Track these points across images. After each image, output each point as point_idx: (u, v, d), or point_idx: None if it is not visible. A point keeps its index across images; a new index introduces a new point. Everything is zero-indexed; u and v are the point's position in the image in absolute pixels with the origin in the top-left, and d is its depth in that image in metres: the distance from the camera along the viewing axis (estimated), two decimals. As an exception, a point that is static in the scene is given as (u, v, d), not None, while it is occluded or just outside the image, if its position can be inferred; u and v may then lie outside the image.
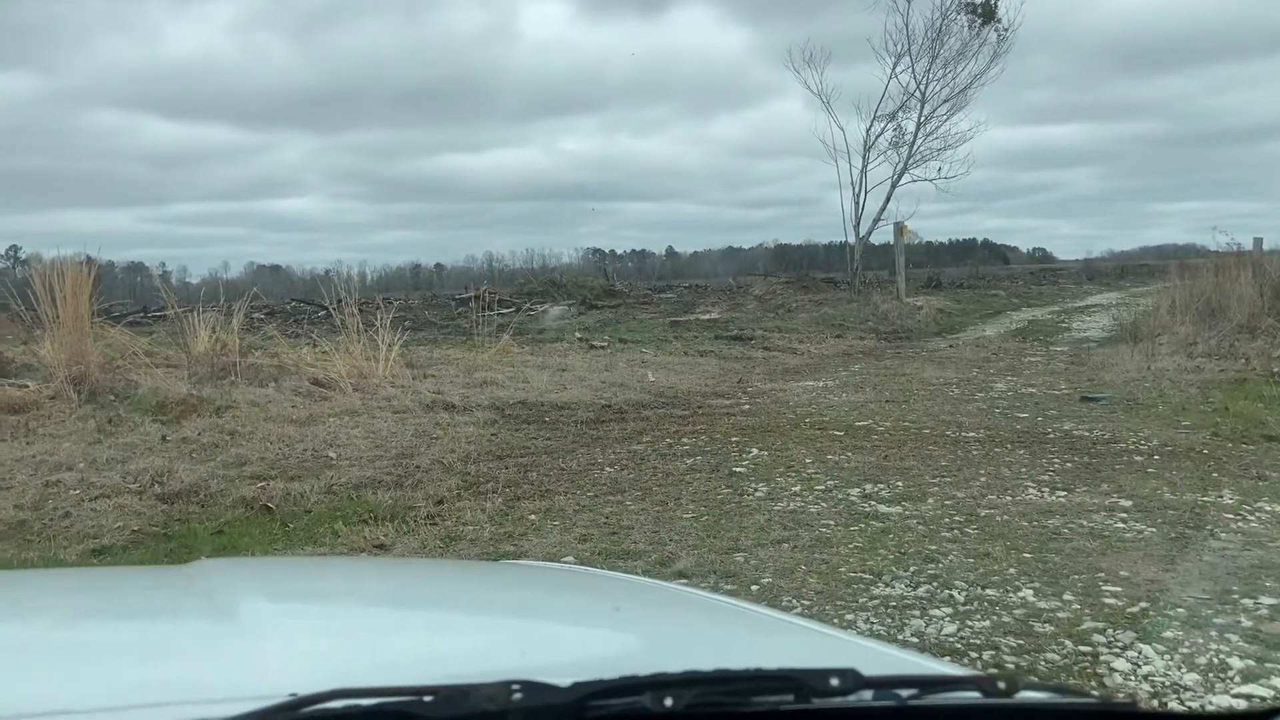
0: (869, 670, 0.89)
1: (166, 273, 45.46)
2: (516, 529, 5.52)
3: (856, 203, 23.97)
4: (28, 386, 9.35)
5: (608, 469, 6.89)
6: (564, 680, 0.83)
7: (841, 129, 24.94)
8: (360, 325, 10.89)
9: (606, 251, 62.25)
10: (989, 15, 23.10)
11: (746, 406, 9.64)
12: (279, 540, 5.43)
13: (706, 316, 19.53)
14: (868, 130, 23.85)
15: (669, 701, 0.83)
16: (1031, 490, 5.98)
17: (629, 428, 8.51)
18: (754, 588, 4.38)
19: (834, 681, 0.87)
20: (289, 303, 22.97)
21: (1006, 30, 23.13)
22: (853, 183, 23.90)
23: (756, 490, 6.14)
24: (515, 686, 0.81)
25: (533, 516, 5.74)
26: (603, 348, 14.48)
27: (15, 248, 44.33)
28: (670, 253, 72.54)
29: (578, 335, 15.78)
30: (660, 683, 0.84)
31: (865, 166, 23.89)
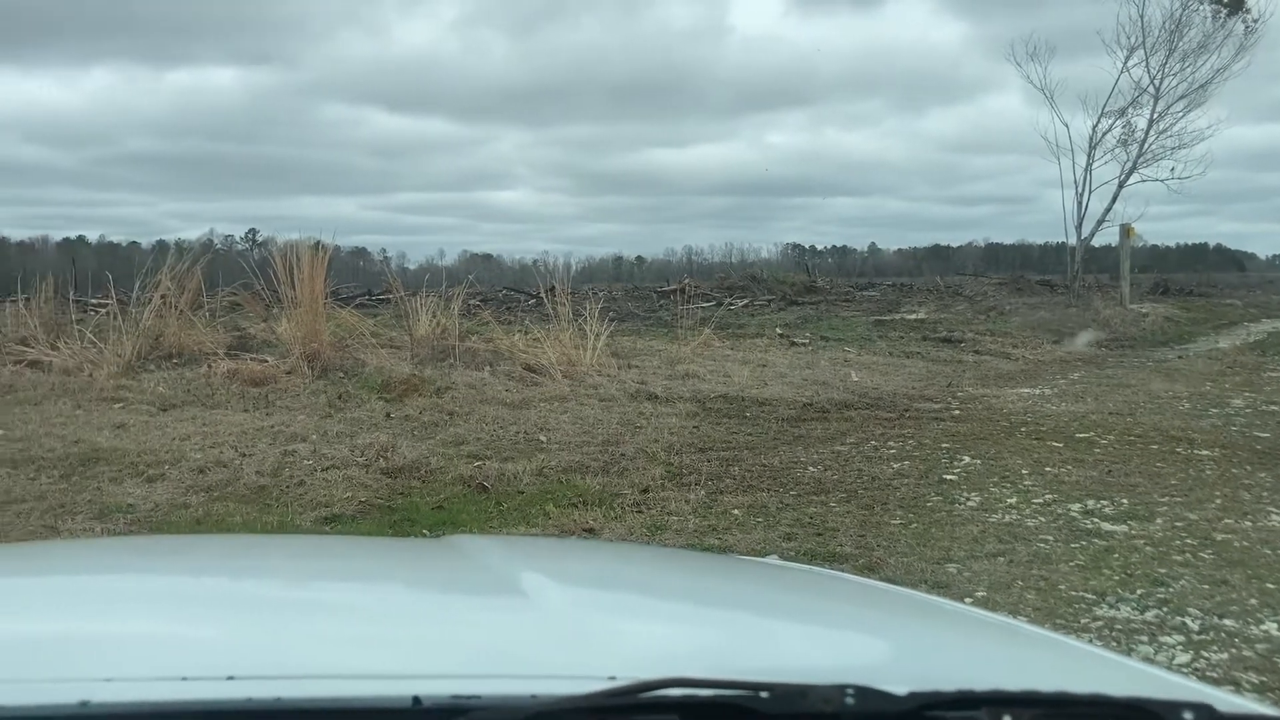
0: (1164, 696, 0.85)
1: (387, 258, 47.90)
2: (720, 522, 5.54)
3: (1079, 202, 22.76)
4: (267, 361, 10.07)
5: (811, 468, 6.81)
6: (899, 688, 0.82)
7: (1065, 125, 23.67)
8: (570, 314, 11.18)
9: (806, 247, 61.50)
10: (1237, 5, 21.46)
11: (957, 411, 9.34)
12: (494, 518, 5.65)
13: (912, 316, 19.03)
14: (1094, 127, 22.58)
15: (1007, 719, 0.80)
16: (1275, 516, 5.54)
17: (832, 427, 8.40)
18: (967, 601, 4.24)
19: (1187, 716, 0.82)
20: (501, 290, 23.81)
21: (1256, 21, 21.45)
22: (1075, 181, 22.70)
23: (969, 500, 5.93)
24: (849, 690, 0.80)
25: (736, 511, 5.75)
26: (804, 345, 14.34)
27: (254, 231, 47.78)
28: (873, 249, 71.04)
29: (778, 331, 15.68)
30: (999, 699, 0.82)
31: (1090, 165, 22.63)
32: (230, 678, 0.83)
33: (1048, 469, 6.67)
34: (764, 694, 0.80)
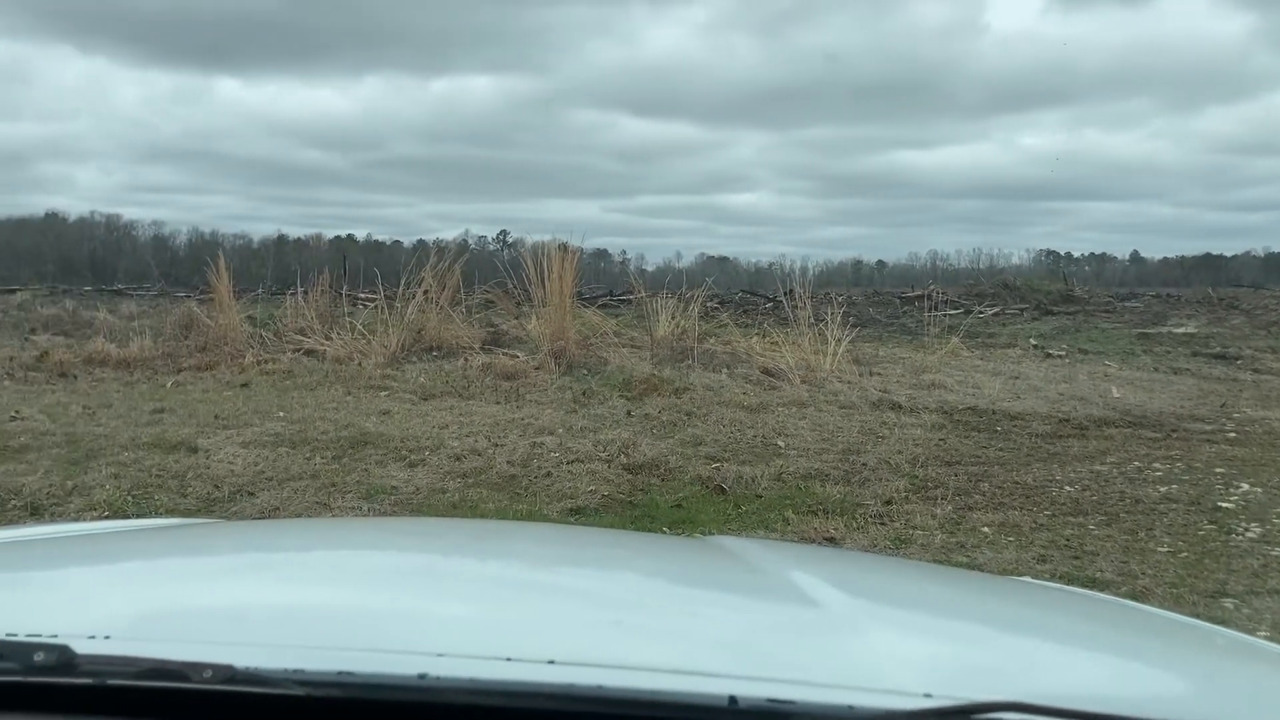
0: None
1: (626, 259, 49.09)
2: (969, 540, 5.31)
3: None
4: (518, 357, 10.51)
5: (1067, 487, 6.43)
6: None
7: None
8: (810, 318, 11.06)
9: (1061, 254, 58.34)
10: None
11: (1232, 434, 8.58)
12: (732, 520, 5.65)
13: (1180, 330, 17.66)
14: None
15: None
16: None
17: (1091, 445, 7.90)
18: (1248, 641, 3.88)
19: None
20: (737, 293, 23.89)
21: None
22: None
23: (1248, 530, 5.43)
24: None
25: (985, 529, 5.50)
26: (1060, 357, 13.59)
27: (504, 231, 50.15)
28: (1135, 258, 66.53)
29: (1032, 342, 14.93)
30: None
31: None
32: (551, 662, 0.85)
33: (1344, 503, 6.02)
34: None
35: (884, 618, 1.24)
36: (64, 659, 0.76)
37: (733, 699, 0.79)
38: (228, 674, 0.76)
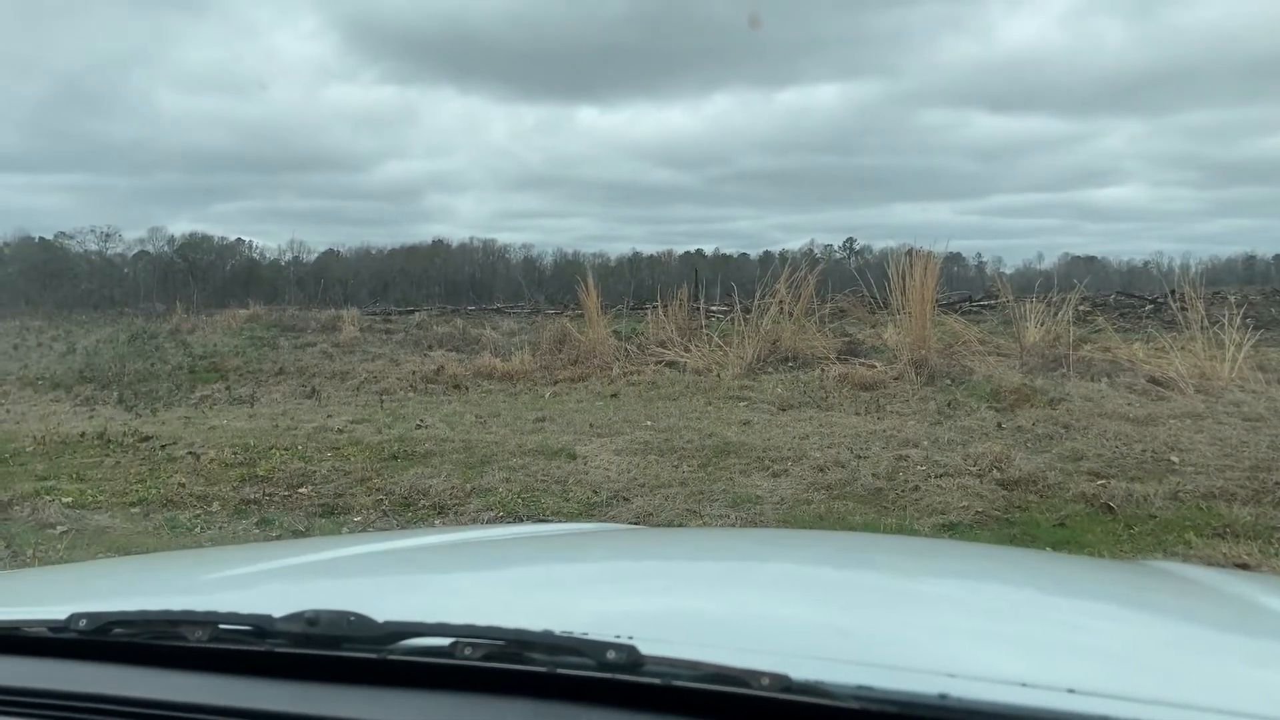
0: None
1: (982, 263, 47.03)
2: None
3: None
4: (875, 366, 10.33)
5: None
6: None
7: None
8: (1203, 321, 10.03)
9: None
10: None
11: None
12: (1124, 542, 5.21)
13: None
14: None
15: None
16: None
17: None
18: None
19: None
20: (1111, 295, 22.16)
21: None
22: None
23: None
24: None
25: None
26: None
27: (850, 239, 49.69)
28: None
29: None
30: None
31: None
32: (1071, 690, 0.80)
33: None
34: None
35: None
36: (633, 658, 0.81)
37: None
38: (784, 684, 0.77)
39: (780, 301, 12.08)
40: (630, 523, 5.65)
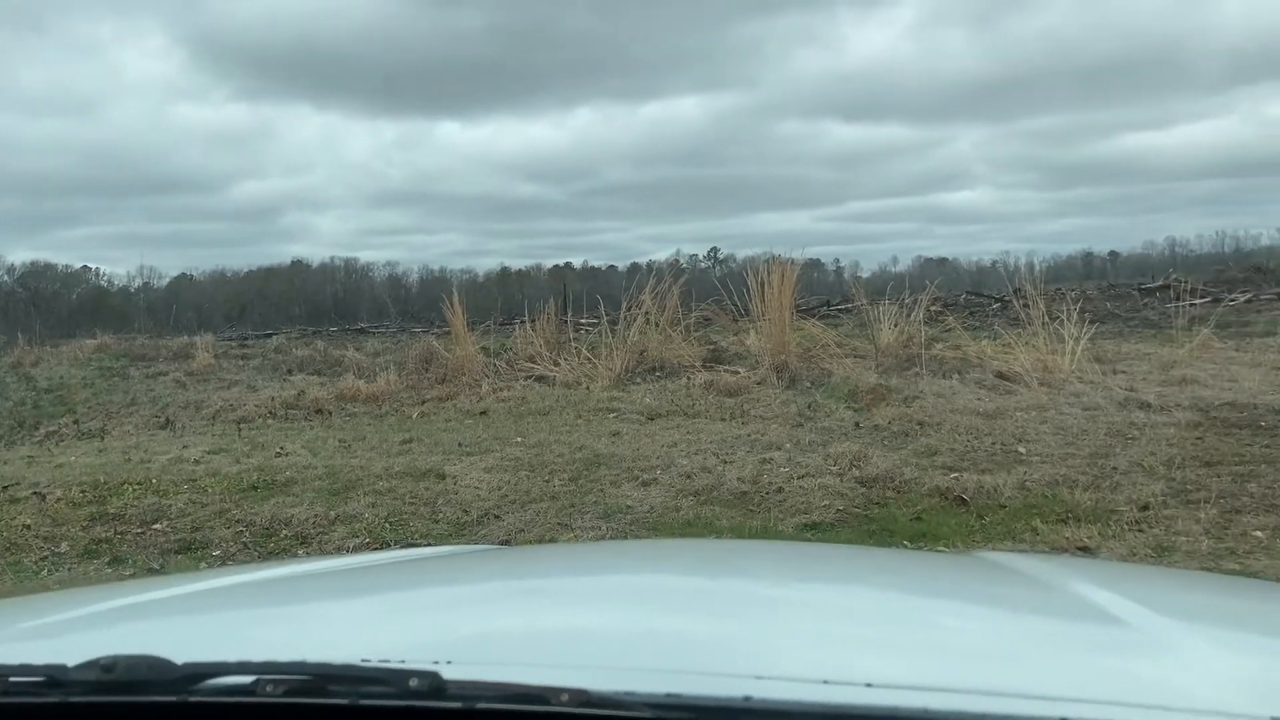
0: None
1: (840, 267, 48.30)
2: (1240, 545, 4.94)
3: None
4: (739, 373, 10.54)
5: (1353, 486, 5.86)
6: None
7: None
8: (1044, 317, 10.56)
9: (1321, 230, 53.17)
10: None
11: None
12: (976, 533, 5.45)
13: None
14: None
15: None
16: None
17: (1377, 439, 7.17)
18: None
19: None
20: (961, 295, 23.07)
21: None
22: None
23: None
24: None
25: (1259, 533, 5.09)
26: (1329, 343, 12.41)
27: (715, 249, 50.41)
28: None
29: (1295, 329, 13.70)
30: None
31: None
32: (868, 685, 0.85)
33: None
34: None
35: (1193, 634, 1.16)
36: (435, 685, 0.82)
37: None
38: (583, 698, 0.79)
39: (646, 312, 12.20)
40: (501, 540, 5.64)
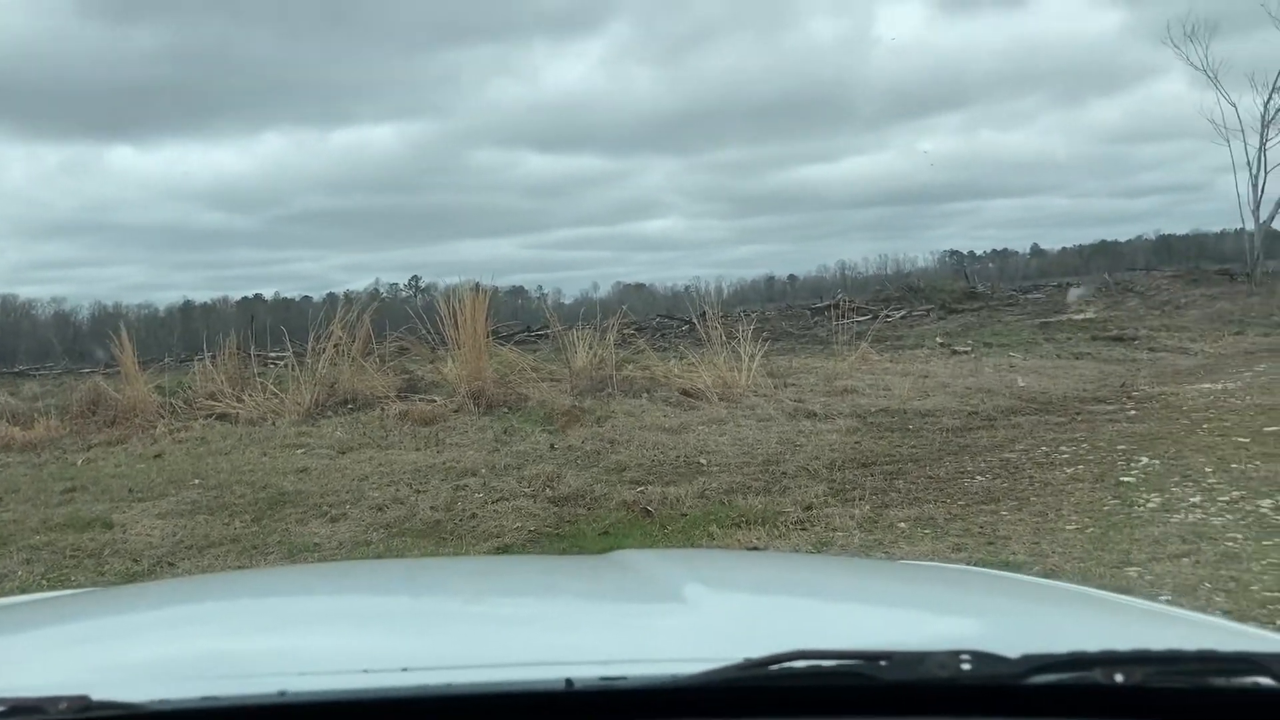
0: None
1: (543, 295, 48.95)
2: (886, 536, 5.47)
3: (1254, 185, 21.57)
4: (435, 401, 10.47)
5: (978, 477, 6.65)
6: (1012, 651, 0.84)
7: (1234, 105, 22.52)
8: (723, 337, 11.22)
9: (964, 253, 59.67)
10: None
11: (1132, 412, 8.94)
12: (659, 541, 5.72)
13: (1080, 316, 18.29)
14: (1265, 104, 21.42)
15: (1119, 677, 0.82)
16: None
17: (999, 435, 8.17)
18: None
19: None
20: (654, 319, 24.05)
21: None
22: (1249, 163, 21.55)
23: (1148, 501, 5.68)
24: (965, 656, 0.83)
25: (902, 524, 5.66)
26: (966, 353, 13.98)
27: (416, 277, 49.65)
28: (1035, 250, 68.21)
29: (939, 341, 15.33)
30: (1110, 659, 0.83)
31: (1264, 144, 21.50)
32: (405, 669, 0.92)
33: (1234, 465, 6.32)
34: (883, 662, 0.84)
35: (752, 605, 1.34)
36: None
37: (569, 681, 0.86)
38: (82, 704, 0.81)
39: (337, 343, 11.86)
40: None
